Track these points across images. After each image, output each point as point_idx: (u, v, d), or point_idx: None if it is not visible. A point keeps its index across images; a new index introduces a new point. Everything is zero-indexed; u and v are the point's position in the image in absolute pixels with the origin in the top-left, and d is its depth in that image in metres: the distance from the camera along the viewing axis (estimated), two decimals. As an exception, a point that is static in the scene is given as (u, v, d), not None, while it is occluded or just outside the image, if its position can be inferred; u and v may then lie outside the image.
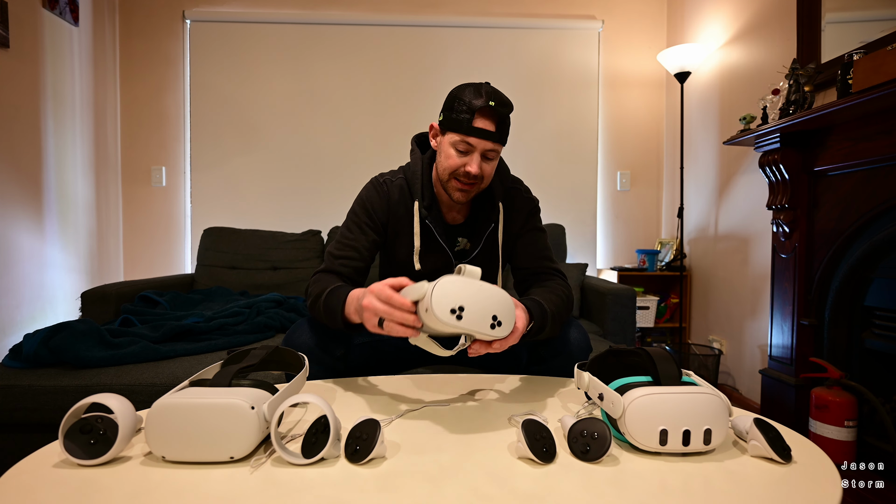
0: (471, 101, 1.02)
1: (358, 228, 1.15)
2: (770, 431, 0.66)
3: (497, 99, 1.02)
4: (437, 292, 0.72)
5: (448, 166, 1.07)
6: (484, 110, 1.02)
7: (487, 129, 1.02)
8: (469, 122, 1.02)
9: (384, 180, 1.18)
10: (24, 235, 2.11)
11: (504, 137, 1.06)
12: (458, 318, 0.71)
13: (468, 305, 0.72)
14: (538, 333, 0.97)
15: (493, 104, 1.01)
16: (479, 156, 1.04)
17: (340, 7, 2.82)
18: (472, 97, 1.02)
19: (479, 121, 1.02)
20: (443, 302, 0.71)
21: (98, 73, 2.60)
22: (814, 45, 1.79)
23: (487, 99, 1.01)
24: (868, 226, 1.53)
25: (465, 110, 1.02)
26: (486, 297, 0.75)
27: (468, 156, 1.05)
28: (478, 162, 1.04)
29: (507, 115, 1.04)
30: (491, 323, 0.75)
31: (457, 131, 1.04)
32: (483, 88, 1.03)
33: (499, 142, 1.05)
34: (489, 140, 1.03)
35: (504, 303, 0.77)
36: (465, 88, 1.04)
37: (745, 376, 2.26)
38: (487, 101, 1.01)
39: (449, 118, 1.05)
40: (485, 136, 1.03)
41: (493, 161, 1.08)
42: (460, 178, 1.06)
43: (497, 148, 1.06)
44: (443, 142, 1.08)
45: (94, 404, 0.65)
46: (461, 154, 1.05)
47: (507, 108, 1.04)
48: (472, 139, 1.03)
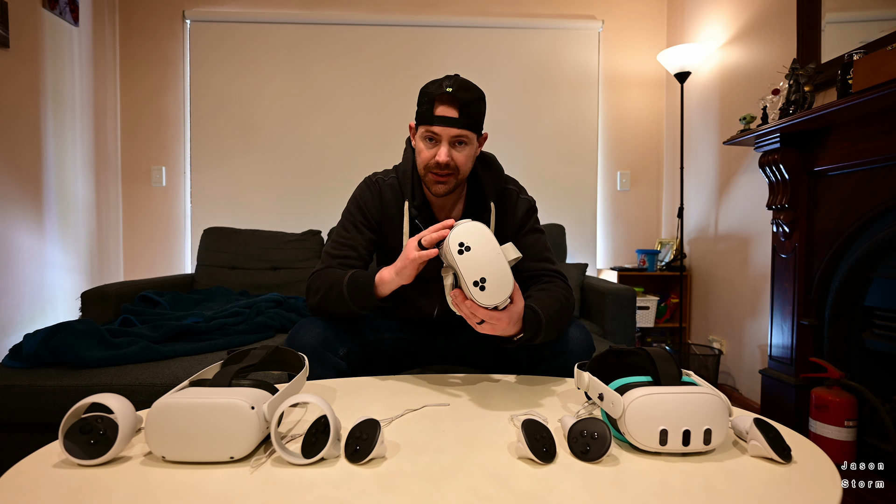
0: (431, 90, 1.02)
1: (354, 227, 1.15)
2: (770, 431, 0.66)
3: (458, 85, 1.01)
4: (464, 227, 0.84)
5: (421, 160, 1.07)
6: (443, 97, 1.01)
7: (449, 115, 1.01)
8: (430, 111, 1.02)
9: (377, 179, 1.18)
10: (24, 235, 2.11)
11: (471, 122, 1.03)
12: (459, 252, 0.81)
13: (474, 249, 0.82)
14: (531, 340, 0.97)
15: (451, 90, 1.00)
16: (447, 144, 1.03)
17: (340, 7, 2.82)
18: (433, 87, 1.02)
19: (439, 108, 1.02)
20: (461, 235, 0.83)
21: (98, 73, 2.60)
22: (814, 45, 1.79)
23: (446, 86, 1.01)
24: (868, 226, 1.53)
25: (426, 101, 1.03)
26: (492, 261, 0.82)
27: (437, 146, 1.04)
28: (446, 150, 1.03)
29: (471, 101, 1.02)
30: (476, 280, 0.81)
31: (422, 122, 1.04)
32: (447, 78, 1.03)
33: (464, 127, 1.02)
34: (453, 126, 1.01)
35: (501, 280, 0.82)
36: (428, 83, 1.05)
37: (745, 376, 2.26)
38: (445, 88, 1.00)
39: (418, 112, 1.06)
40: (447, 122, 1.02)
41: (464, 148, 1.05)
42: (433, 170, 1.06)
43: (464, 134, 1.03)
44: (416, 138, 1.09)
45: (94, 404, 0.65)
46: (430, 144, 1.05)
47: (470, 92, 1.02)
48: (436, 128, 1.02)
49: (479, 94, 1.05)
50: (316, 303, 1.09)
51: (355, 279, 1.03)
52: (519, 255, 0.86)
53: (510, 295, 0.85)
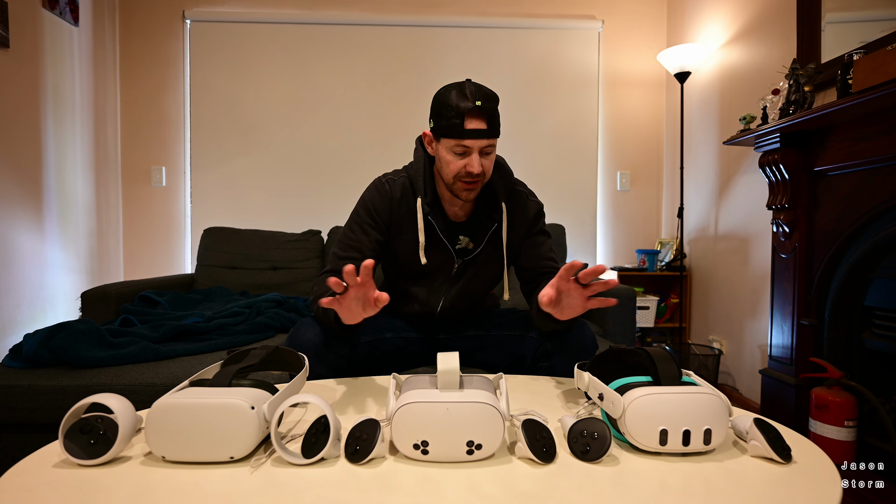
0: (457, 104, 1.03)
1: (360, 229, 1.17)
2: (770, 431, 0.66)
3: (483, 96, 1.04)
4: (397, 421, 0.64)
5: (450, 171, 1.09)
6: (473, 111, 1.03)
7: (480, 128, 1.04)
8: (460, 125, 1.03)
9: (386, 180, 1.20)
10: (24, 235, 2.11)
11: (497, 130, 1.07)
12: (422, 452, 0.65)
13: (432, 440, 0.64)
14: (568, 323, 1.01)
15: (480, 103, 1.03)
16: (477, 154, 1.06)
17: (340, 7, 2.82)
18: (459, 100, 1.03)
19: (470, 122, 1.04)
20: (403, 436, 0.65)
21: (98, 73, 2.60)
22: (814, 45, 1.79)
23: (473, 99, 1.03)
24: (868, 226, 1.53)
25: (454, 115, 1.03)
26: (456, 419, 0.64)
27: (467, 157, 1.07)
28: (477, 160, 1.06)
29: (495, 109, 1.06)
30: (467, 449, 0.65)
31: (451, 136, 1.05)
32: (467, 89, 1.05)
33: (493, 136, 1.06)
34: (483, 138, 1.05)
35: (482, 418, 0.65)
36: (449, 92, 1.06)
37: (745, 376, 2.26)
38: (474, 102, 1.03)
39: (440, 125, 1.06)
40: (478, 135, 1.04)
41: (491, 155, 1.10)
42: (464, 178, 1.08)
43: (492, 142, 1.08)
44: (439, 148, 1.10)
45: (94, 404, 0.65)
46: (459, 157, 1.07)
47: (493, 101, 1.05)
48: (468, 141, 1.05)
49: (498, 99, 1.07)
50: (314, 310, 1.11)
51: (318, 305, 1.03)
52: (455, 356, 0.71)
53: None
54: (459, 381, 0.69)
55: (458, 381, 0.69)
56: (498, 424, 0.65)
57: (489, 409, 0.64)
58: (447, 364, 0.69)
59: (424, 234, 1.15)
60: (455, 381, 0.68)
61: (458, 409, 0.64)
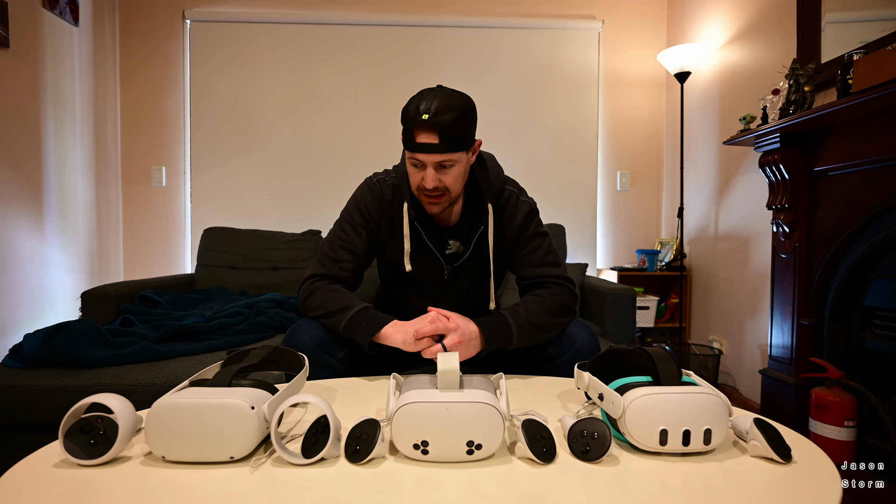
0: (411, 115, 0.98)
1: (353, 230, 1.15)
2: (770, 431, 0.66)
3: (434, 108, 0.96)
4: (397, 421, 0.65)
5: (412, 182, 1.06)
6: (421, 124, 0.97)
7: (430, 142, 0.98)
8: (412, 138, 1.00)
9: (378, 180, 1.17)
10: (24, 235, 2.11)
11: (454, 144, 0.99)
12: (422, 452, 0.64)
13: (432, 440, 0.64)
14: (505, 344, 1.04)
15: (427, 116, 0.95)
16: (432, 169, 1.01)
17: (340, 7, 2.82)
18: (412, 111, 0.98)
19: (420, 136, 0.99)
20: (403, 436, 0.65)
21: (98, 73, 2.60)
22: (814, 45, 1.79)
23: (423, 112, 0.96)
24: (868, 226, 1.53)
25: (407, 127, 1.00)
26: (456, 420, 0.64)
27: (423, 170, 1.03)
28: (432, 175, 1.01)
29: (450, 123, 0.96)
30: (467, 449, 0.65)
31: (406, 147, 1.03)
32: (424, 99, 0.98)
33: (447, 151, 0.98)
34: (434, 153, 0.98)
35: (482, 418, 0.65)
36: (410, 101, 1.01)
37: (745, 376, 2.26)
38: (422, 115, 0.96)
39: (403, 134, 1.03)
40: (428, 149, 0.99)
41: (451, 169, 1.02)
42: (425, 192, 1.05)
43: (447, 158, 1.00)
44: (406, 157, 1.08)
45: (94, 404, 0.65)
46: (417, 169, 1.04)
47: (447, 112, 0.96)
48: (419, 155, 1.00)
49: (462, 109, 0.98)
50: (313, 317, 1.10)
51: (358, 321, 1.04)
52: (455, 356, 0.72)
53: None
54: (459, 381, 0.69)
55: (458, 381, 0.69)
56: (498, 424, 0.65)
57: (489, 409, 0.64)
58: (447, 364, 0.69)
59: (411, 239, 1.13)
60: (455, 381, 0.68)
61: (458, 409, 0.64)
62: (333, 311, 1.06)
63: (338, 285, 1.13)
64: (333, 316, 1.06)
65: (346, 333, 1.05)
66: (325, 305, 1.07)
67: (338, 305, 1.06)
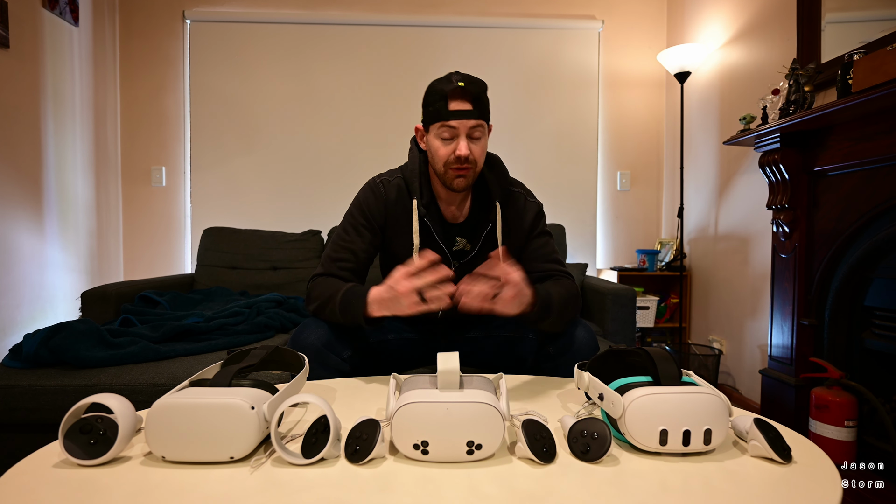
0: (441, 88, 1.04)
1: (354, 231, 1.16)
2: (770, 431, 0.66)
3: (466, 79, 1.04)
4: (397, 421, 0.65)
5: (440, 158, 1.08)
6: (455, 91, 1.03)
7: (464, 108, 1.04)
8: (444, 107, 1.04)
9: (381, 181, 1.19)
10: (24, 235, 2.11)
11: (485, 113, 1.07)
12: (423, 452, 0.65)
13: (432, 440, 0.64)
14: (542, 316, 1.01)
15: (463, 84, 1.03)
16: (465, 137, 1.05)
17: (340, 7, 2.82)
18: (442, 84, 1.04)
19: (453, 103, 1.04)
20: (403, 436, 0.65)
21: (98, 73, 2.60)
22: (814, 45, 1.79)
23: (456, 81, 1.03)
24: (868, 226, 1.53)
25: (438, 98, 1.04)
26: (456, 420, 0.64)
27: (454, 141, 1.06)
28: (465, 144, 1.05)
29: (481, 93, 1.05)
30: (467, 449, 0.65)
31: (436, 120, 1.05)
32: (451, 75, 1.06)
33: (480, 118, 1.05)
34: (469, 118, 1.04)
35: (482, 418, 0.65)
36: (433, 82, 1.07)
37: (745, 376, 2.26)
38: (457, 83, 1.03)
39: (427, 113, 1.07)
40: (463, 115, 1.04)
41: (480, 141, 1.08)
42: (453, 165, 1.07)
43: (480, 124, 1.06)
44: (429, 139, 1.10)
45: (94, 404, 0.65)
46: (447, 141, 1.06)
47: (478, 85, 1.05)
48: (453, 122, 1.04)
49: (485, 85, 1.07)
50: (314, 311, 1.11)
51: (347, 298, 1.03)
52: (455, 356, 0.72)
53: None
54: (459, 381, 0.69)
55: (458, 381, 0.69)
56: (498, 424, 0.65)
57: (489, 409, 0.64)
58: (447, 364, 0.69)
59: (420, 236, 1.14)
60: (455, 381, 0.68)
61: (458, 409, 0.64)
62: (326, 298, 1.07)
63: (333, 279, 1.13)
64: (328, 304, 1.06)
65: (343, 317, 1.04)
66: (320, 297, 1.08)
67: (328, 293, 1.07)
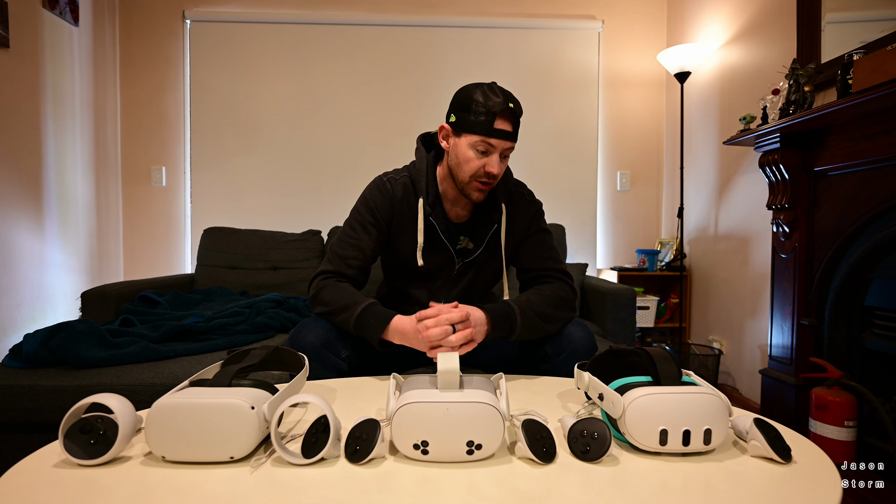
0: (488, 102, 1.04)
1: (362, 228, 1.17)
2: (770, 431, 0.66)
3: (514, 100, 1.06)
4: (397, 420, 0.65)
5: (469, 168, 1.09)
6: (505, 112, 1.05)
7: (507, 129, 1.06)
8: (490, 123, 1.04)
9: (388, 178, 1.20)
10: (24, 235, 2.11)
11: (517, 136, 1.10)
12: (423, 452, 0.65)
13: (432, 440, 0.65)
14: (508, 333, 1.05)
15: (512, 106, 1.05)
16: (498, 155, 1.08)
17: (340, 7, 2.82)
18: (489, 99, 1.04)
19: (499, 122, 1.05)
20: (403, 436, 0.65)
21: (98, 73, 2.59)
22: (814, 45, 1.79)
23: (505, 101, 1.04)
24: (868, 226, 1.53)
25: (483, 112, 1.04)
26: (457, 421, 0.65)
27: (488, 156, 1.08)
28: (497, 162, 1.08)
29: (520, 115, 1.08)
30: (467, 449, 0.65)
31: (476, 133, 1.06)
32: (497, 90, 1.06)
33: (515, 140, 1.09)
34: (508, 140, 1.07)
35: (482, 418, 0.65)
36: (476, 90, 1.06)
37: (745, 376, 2.26)
38: (506, 104, 1.04)
39: (466, 120, 1.06)
40: (505, 136, 1.06)
41: (506, 160, 1.11)
42: (481, 178, 1.09)
43: (513, 146, 1.09)
44: (458, 143, 1.10)
45: (94, 404, 0.65)
46: (481, 155, 1.08)
47: (520, 108, 1.08)
48: (494, 140, 1.06)
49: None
50: (321, 314, 1.11)
51: (366, 316, 1.05)
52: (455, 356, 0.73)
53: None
54: (459, 381, 0.69)
55: (458, 381, 0.69)
56: (498, 424, 0.65)
57: (489, 409, 0.64)
58: (447, 364, 0.69)
59: (424, 234, 1.16)
60: (455, 381, 0.68)
61: (458, 409, 0.64)
62: (340, 307, 1.08)
63: (346, 283, 1.14)
64: (341, 313, 1.07)
65: (356, 331, 1.06)
66: (333, 303, 1.09)
67: (343, 302, 1.08)
